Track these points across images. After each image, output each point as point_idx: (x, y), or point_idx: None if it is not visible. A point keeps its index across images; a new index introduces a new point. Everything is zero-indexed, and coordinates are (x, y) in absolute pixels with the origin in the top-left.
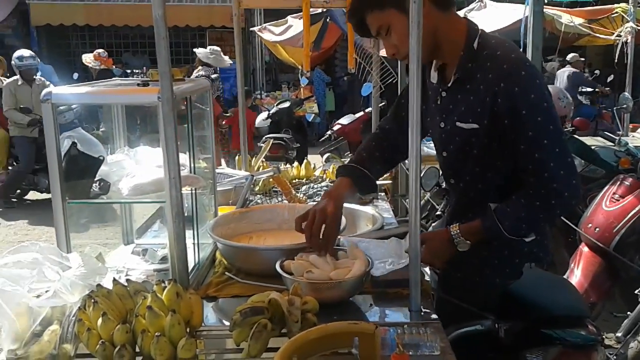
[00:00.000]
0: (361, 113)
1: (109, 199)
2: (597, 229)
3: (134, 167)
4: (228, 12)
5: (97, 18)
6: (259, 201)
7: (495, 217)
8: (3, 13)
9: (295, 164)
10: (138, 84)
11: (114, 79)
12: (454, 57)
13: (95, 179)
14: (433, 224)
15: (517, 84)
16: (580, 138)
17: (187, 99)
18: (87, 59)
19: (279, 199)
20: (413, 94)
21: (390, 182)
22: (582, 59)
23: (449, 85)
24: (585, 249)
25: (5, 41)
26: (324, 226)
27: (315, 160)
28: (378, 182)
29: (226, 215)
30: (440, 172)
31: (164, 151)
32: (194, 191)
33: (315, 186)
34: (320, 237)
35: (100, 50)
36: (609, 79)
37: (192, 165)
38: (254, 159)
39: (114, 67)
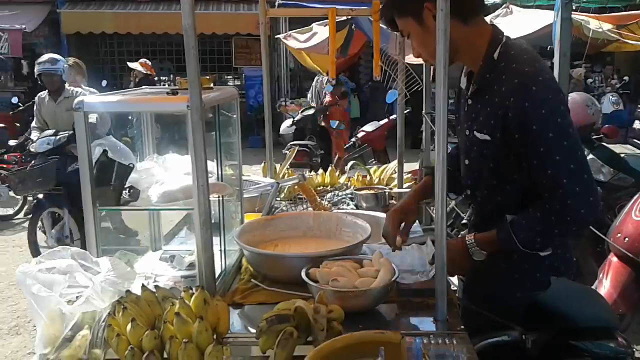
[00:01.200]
0: (385, 120)
1: (138, 206)
2: (627, 239)
3: (163, 174)
4: (253, 19)
5: (125, 26)
6: (284, 208)
7: (510, 229)
8: (34, 22)
9: (320, 171)
10: (167, 93)
11: (143, 87)
12: (476, 66)
13: (125, 186)
14: (461, 233)
15: (528, 98)
16: (610, 146)
17: (215, 107)
18: (134, 65)
19: (304, 206)
20: (440, 99)
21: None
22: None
23: (471, 93)
24: (614, 259)
25: (36, 49)
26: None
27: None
28: (402, 190)
29: (252, 223)
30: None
31: (193, 159)
32: (221, 198)
33: (340, 194)
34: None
35: (146, 60)
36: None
37: (220, 172)
38: (279, 166)
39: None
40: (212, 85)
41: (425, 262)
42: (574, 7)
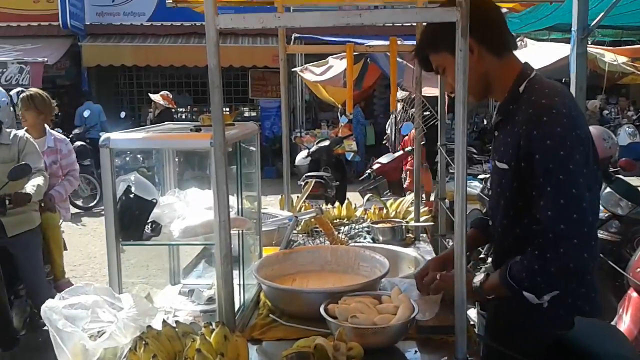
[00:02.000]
0: (400, 152)
1: (160, 241)
2: None
3: (185, 209)
4: (270, 52)
5: (144, 59)
6: (301, 242)
7: (507, 267)
8: (56, 55)
9: (337, 204)
10: (191, 129)
11: (166, 123)
12: (502, 99)
13: (148, 221)
14: (479, 267)
15: (537, 128)
16: (627, 179)
17: (237, 143)
18: (156, 98)
19: (321, 239)
20: (459, 135)
21: (431, 224)
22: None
23: (495, 124)
24: (634, 294)
25: (57, 81)
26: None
27: (355, 198)
28: (418, 224)
29: (270, 257)
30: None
31: (215, 195)
32: (241, 232)
33: (357, 227)
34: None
35: (167, 92)
36: None
37: (240, 207)
38: (296, 198)
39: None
40: (233, 121)
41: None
42: (589, 42)
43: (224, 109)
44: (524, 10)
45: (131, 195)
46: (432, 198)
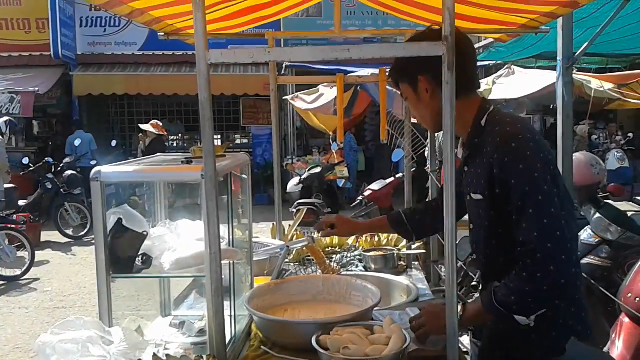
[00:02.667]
0: (391, 178)
1: (150, 274)
2: (638, 299)
3: (175, 241)
4: (261, 81)
5: (135, 88)
6: (293, 270)
7: (492, 290)
8: (47, 84)
9: None
10: (182, 161)
11: (157, 154)
12: (466, 134)
13: (138, 253)
14: (472, 294)
15: (507, 154)
16: (616, 203)
17: (228, 174)
18: (146, 127)
19: (313, 267)
20: (447, 167)
21: (423, 251)
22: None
23: (465, 158)
24: (626, 319)
25: (47, 110)
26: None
27: None
28: (410, 251)
29: (262, 287)
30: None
31: (206, 226)
32: (231, 263)
33: (348, 255)
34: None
35: (157, 121)
36: None
37: (231, 237)
38: (287, 226)
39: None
40: (224, 151)
41: None
42: (575, 69)
43: (215, 138)
44: (510, 40)
45: (122, 228)
46: None
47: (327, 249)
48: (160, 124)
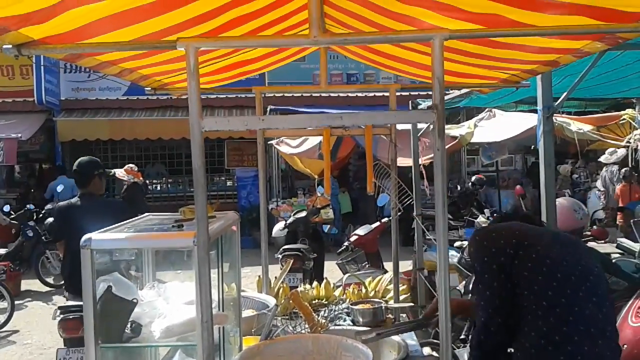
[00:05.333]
0: (377, 223)
1: (140, 342)
2: (625, 346)
3: (165, 306)
4: None
5: (120, 133)
6: (280, 325)
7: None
8: (30, 130)
9: (315, 284)
10: (173, 226)
11: (147, 215)
12: None
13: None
14: (459, 347)
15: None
16: (601, 245)
17: (219, 237)
18: (119, 173)
19: (300, 321)
20: (439, 234)
21: (411, 304)
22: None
23: None
24: None
25: (30, 156)
26: None
27: (333, 267)
28: (398, 305)
29: (252, 349)
30: (462, 294)
31: (198, 294)
32: (221, 327)
33: (336, 308)
34: None
35: (132, 165)
36: None
37: (222, 300)
38: (273, 279)
39: (139, 178)
40: (214, 212)
41: None
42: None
43: (210, 204)
44: (490, 92)
45: (112, 296)
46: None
47: (314, 302)
48: (135, 168)
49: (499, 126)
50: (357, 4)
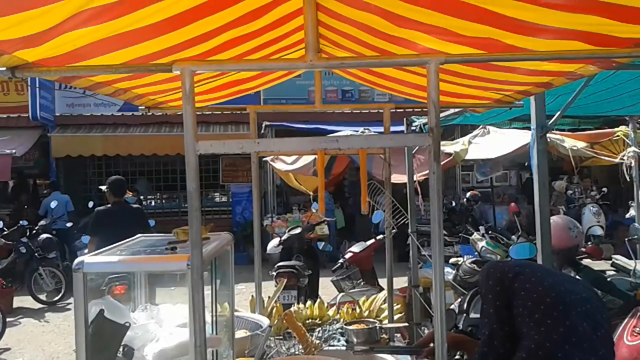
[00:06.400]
0: (372, 240)
1: None
2: None
3: (158, 330)
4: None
5: (114, 148)
6: (274, 346)
7: None
8: (25, 146)
9: (309, 303)
10: (166, 248)
11: (140, 235)
12: None
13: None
14: None
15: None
16: (596, 262)
17: (213, 260)
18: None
19: (294, 342)
20: (436, 259)
21: (405, 324)
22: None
23: None
24: None
25: (24, 171)
26: None
27: (327, 284)
28: (392, 325)
29: None
30: (456, 313)
31: (191, 318)
32: (215, 350)
33: (330, 329)
34: None
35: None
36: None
37: (215, 323)
38: (267, 299)
39: (130, 194)
40: (208, 233)
41: None
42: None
43: (204, 226)
44: (484, 111)
45: (104, 320)
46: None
47: (307, 322)
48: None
49: (493, 143)
50: (353, 27)
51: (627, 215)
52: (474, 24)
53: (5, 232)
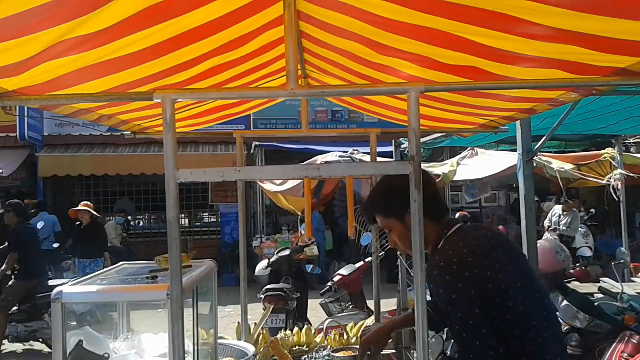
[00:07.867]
0: (361, 263)
1: None
2: None
3: None
4: (230, 159)
5: (102, 168)
6: None
7: None
8: (12, 166)
9: (296, 329)
10: (147, 277)
11: (122, 263)
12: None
13: None
14: None
15: (433, 281)
16: (584, 285)
17: (195, 288)
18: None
19: None
20: (417, 282)
21: (393, 351)
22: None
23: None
24: None
25: (11, 191)
26: None
27: (316, 306)
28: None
29: None
30: (444, 340)
31: (171, 350)
32: None
33: (317, 356)
34: None
35: (86, 203)
36: None
37: (197, 352)
38: (254, 325)
39: (116, 216)
40: (190, 260)
41: None
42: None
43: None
44: (470, 135)
45: (82, 351)
46: None
47: (294, 349)
48: (92, 205)
49: (481, 164)
50: (336, 54)
51: None
52: (455, 52)
53: None
